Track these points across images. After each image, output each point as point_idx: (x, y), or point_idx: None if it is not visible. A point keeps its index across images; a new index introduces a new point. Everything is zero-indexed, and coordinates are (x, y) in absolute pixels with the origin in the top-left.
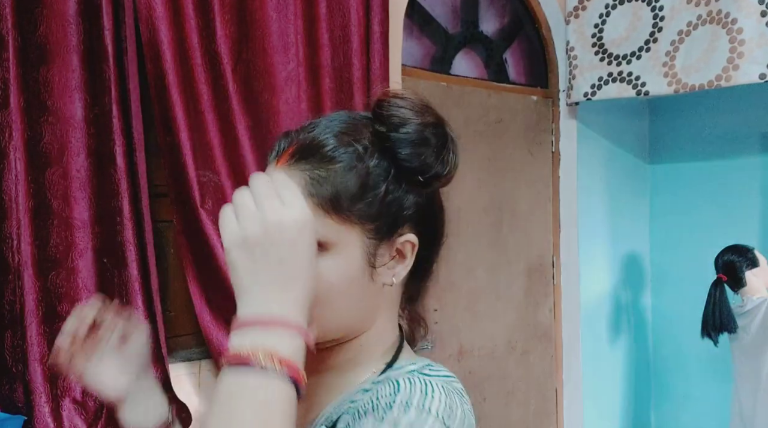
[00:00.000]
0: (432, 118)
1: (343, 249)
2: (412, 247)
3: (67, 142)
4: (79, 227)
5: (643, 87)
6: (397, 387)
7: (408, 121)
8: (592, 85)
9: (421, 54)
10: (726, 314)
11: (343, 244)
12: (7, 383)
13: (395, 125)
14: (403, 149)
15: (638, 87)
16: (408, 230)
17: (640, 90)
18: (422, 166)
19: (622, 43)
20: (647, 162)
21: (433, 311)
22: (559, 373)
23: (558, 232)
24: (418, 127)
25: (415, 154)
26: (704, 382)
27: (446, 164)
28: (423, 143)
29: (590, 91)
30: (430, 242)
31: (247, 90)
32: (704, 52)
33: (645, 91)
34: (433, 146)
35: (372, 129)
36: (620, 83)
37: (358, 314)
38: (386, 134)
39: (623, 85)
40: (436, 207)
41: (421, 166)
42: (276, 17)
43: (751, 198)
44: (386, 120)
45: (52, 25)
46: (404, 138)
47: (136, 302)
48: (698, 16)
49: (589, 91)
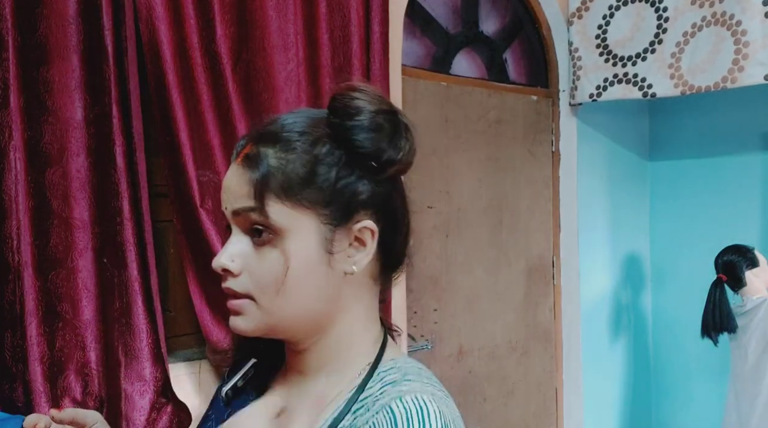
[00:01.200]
0: (385, 106)
1: (298, 234)
2: (372, 234)
3: (67, 142)
4: (79, 227)
5: (649, 89)
6: (393, 419)
7: (361, 109)
8: (597, 87)
9: (421, 54)
10: (726, 314)
11: (297, 229)
12: (7, 383)
13: (349, 114)
14: (357, 136)
15: (644, 89)
16: (366, 217)
17: (646, 92)
18: (375, 151)
19: (626, 45)
20: (647, 162)
21: (433, 311)
22: (559, 373)
23: (558, 232)
24: (370, 114)
25: (368, 139)
26: (704, 382)
27: (399, 150)
28: (375, 129)
29: (595, 92)
30: (393, 230)
31: (247, 90)
32: (709, 54)
33: (652, 93)
34: (386, 131)
35: (327, 121)
36: (626, 85)
37: (321, 304)
38: (340, 123)
39: (629, 87)
40: (397, 195)
41: (373, 151)
42: (276, 17)
43: (752, 198)
44: (340, 111)
45: (52, 25)
46: (357, 125)
47: (136, 302)
48: (702, 18)
49: (594, 92)
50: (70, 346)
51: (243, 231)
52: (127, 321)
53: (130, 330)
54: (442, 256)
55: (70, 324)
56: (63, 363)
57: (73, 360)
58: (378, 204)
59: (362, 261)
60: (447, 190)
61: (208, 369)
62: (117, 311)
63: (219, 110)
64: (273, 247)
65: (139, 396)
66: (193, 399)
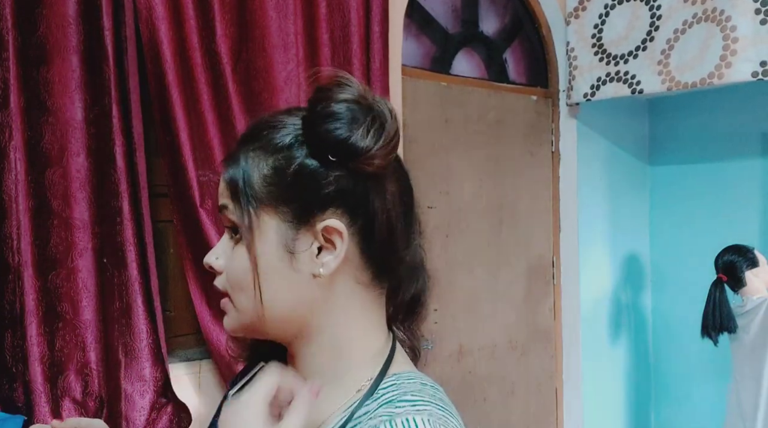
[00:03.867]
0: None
1: (263, 233)
2: (340, 235)
3: (67, 142)
4: (79, 227)
5: (638, 86)
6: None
7: (326, 99)
8: (592, 86)
9: (421, 54)
10: (726, 314)
11: (262, 228)
12: (7, 383)
13: (317, 103)
14: (318, 126)
15: (633, 86)
16: (334, 216)
17: (635, 89)
18: (334, 141)
19: (621, 43)
20: (647, 162)
21: (433, 311)
22: (559, 373)
23: (558, 232)
24: (333, 103)
25: (326, 129)
26: (704, 382)
27: (363, 140)
28: (335, 118)
29: (590, 91)
30: (369, 233)
31: (247, 90)
32: (698, 50)
33: (639, 90)
34: (347, 120)
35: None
36: (617, 83)
37: (291, 305)
38: (307, 115)
39: (619, 85)
40: (377, 196)
41: (333, 141)
42: (276, 17)
43: (751, 198)
44: (312, 101)
45: (52, 25)
46: (318, 114)
47: (136, 302)
48: (694, 15)
49: (588, 91)
50: (70, 346)
51: (228, 230)
52: (127, 321)
53: (130, 330)
54: (442, 256)
55: (70, 323)
56: (63, 363)
57: (73, 360)
58: (350, 204)
59: (330, 264)
60: (447, 190)
61: (209, 369)
62: (117, 311)
63: (219, 110)
64: (241, 245)
65: (139, 396)
66: (193, 399)
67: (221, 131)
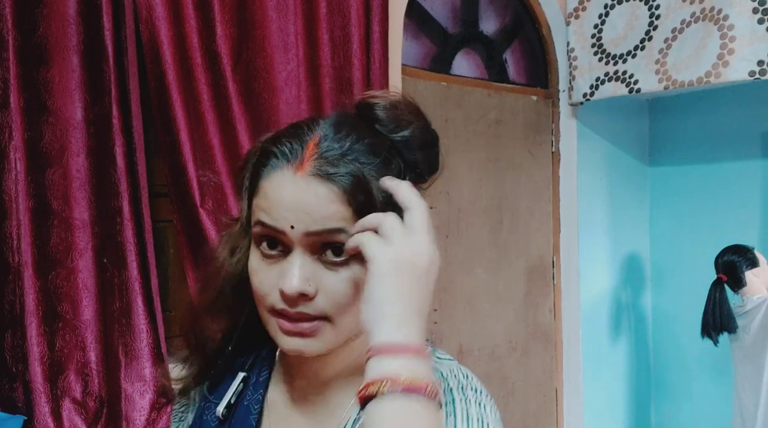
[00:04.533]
0: (425, 120)
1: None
2: None
3: (67, 142)
4: (79, 227)
5: (635, 85)
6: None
7: (410, 124)
8: (591, 86)
9: (421, 54)
10: (726, 314)
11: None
12: (7, 383)
13: (399, 127)
14: (412, 154)
15: (631, 85)
16: None
17: (632, 88)
18: (427, 166)
19: (619, 43)
20: (647, 162)
21: (433, 311)
22: (559, 373)
23: (558, 232)
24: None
25: (421, 156)
26: (704, 382)
27: (440, 162)
28: (424, 146)
29: (589, 92)
30: None
31: (247, 90)
32: (696, 49)
33: (637, 89)
34: (432, 147)
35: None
36: (615, 82)
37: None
38: (394, 138)
39: (618, 84)
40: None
41: (429, 166)
42: (276, 17)
43: (751, 198)
44: (390, 124)
45: (52, 25)
46: (409, 141)
47: (136, 302)
48: (692, 14)
49: (588, 92)
50: (70, 346)
51: (308, 250)
52: (127, 321)
53: (130, 330)
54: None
55: (70, 324)
56: (63, 363)
57: (73, 360)
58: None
59: None
60: (447, 190)
61: None
62: (117, 311)
63: (219, 110)
64: (349, 267)
65: (139, 396)
66: None
67: (221, 131)
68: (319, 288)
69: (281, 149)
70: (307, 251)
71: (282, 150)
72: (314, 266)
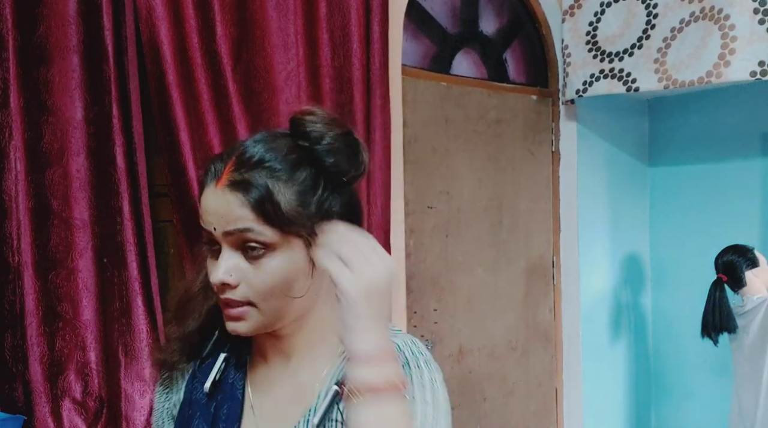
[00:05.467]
0: (343, 128)
1: (289, 249)
2: None
3: (67, 142)
4: (79, 227)
5: (633, 83)
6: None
7: (324, 134)
8: (584, 82)
9: (421, 54)
10: (726, 314)
11: (288, 245)
12: (7, 383)
13: (315, 138)
14: (327, 158)
15: (629, 83)
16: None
17: (630, 86)
18: (344, 169)
19: (616, 41)
20: (647, 162)
21: (433, 311)
22: (559, 373)
23: (558, 232)
24: (334, 137)
25: (338, 160)
26: (704, 382)
27: (361, 163)
28: (340, 151)
29: (581, 88)
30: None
31: (247, 90)
32: (696, 49)
33: (635, 88)
34: (349, 150)
35: (294, 144)
36: (611, 80)
37: (305, 300)
38: (310, 147)
39: (614, 82)
40: (355, 200)
41: (343, 169)
42: (276, 17)
43: (751, 198)
44: (307, 135)
45: (52, 25)
46: (325, 148)
47: (136, 302)
48: (691, 13)
49: (580, 88)
50: (70, 346)
51: (233, 247)
52: (127, 321)
53: (130, 330)
54: (442, 256)
55: (70, 324)
56: (63, 363)
57: (73, 360)
58: (346, 211)
59: None
60: (447, 190)
61: None
62: (117, 311)
63: (219, 110)
64: (266, 259)
65: (139, 396)
66: None
67: (221, 131)
68: (242, 279)
69: (211, 168)
70: (232, 248)
71: (211, 169)
72: (237, 260)
